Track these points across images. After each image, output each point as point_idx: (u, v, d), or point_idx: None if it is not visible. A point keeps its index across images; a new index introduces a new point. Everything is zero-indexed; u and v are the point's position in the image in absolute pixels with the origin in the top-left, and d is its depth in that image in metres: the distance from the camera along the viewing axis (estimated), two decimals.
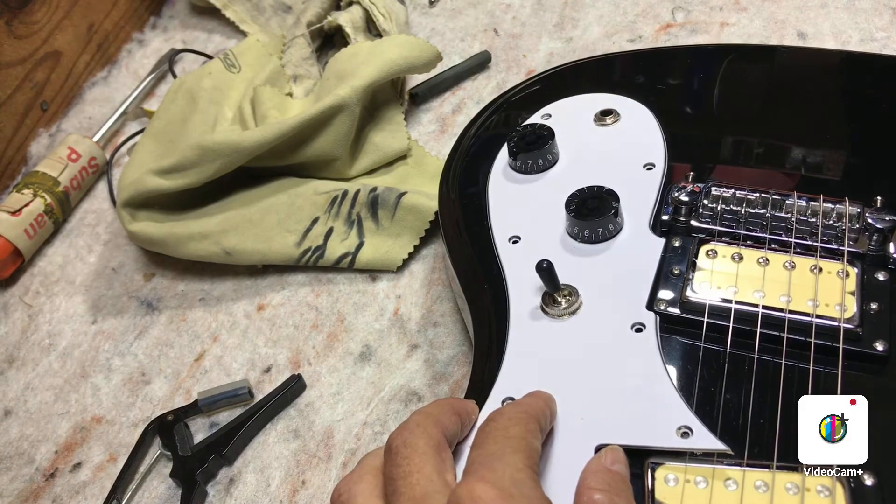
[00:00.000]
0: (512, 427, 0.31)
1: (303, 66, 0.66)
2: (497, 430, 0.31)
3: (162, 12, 0.81)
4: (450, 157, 0.50)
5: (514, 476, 0.28)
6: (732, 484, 0.31)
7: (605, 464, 0.31)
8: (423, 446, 0.30)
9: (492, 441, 0.30)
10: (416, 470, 0.29)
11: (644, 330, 0.37)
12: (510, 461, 0.29)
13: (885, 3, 0.64)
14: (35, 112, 0.68)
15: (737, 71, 0.51)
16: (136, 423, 0.49)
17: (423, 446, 0.30)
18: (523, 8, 0.71)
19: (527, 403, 0.33)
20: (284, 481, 0.45)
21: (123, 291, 0.57)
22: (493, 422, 0.31)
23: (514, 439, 0.30)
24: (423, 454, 0.30)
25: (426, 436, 0.30)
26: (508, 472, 0.28)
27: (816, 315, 0.36)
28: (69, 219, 0.63)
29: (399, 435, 0.31)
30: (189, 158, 0.53)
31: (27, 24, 0.66)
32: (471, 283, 0.43)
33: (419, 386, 0.47)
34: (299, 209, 0.54)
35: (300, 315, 0.52)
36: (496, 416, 0.32)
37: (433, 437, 0.30)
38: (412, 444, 0.30)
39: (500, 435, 0.30)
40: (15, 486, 0.47)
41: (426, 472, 0.29)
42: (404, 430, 0.31)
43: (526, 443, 0.30)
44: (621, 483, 0.31)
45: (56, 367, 0.53)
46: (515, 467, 0.28)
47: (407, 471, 0.29)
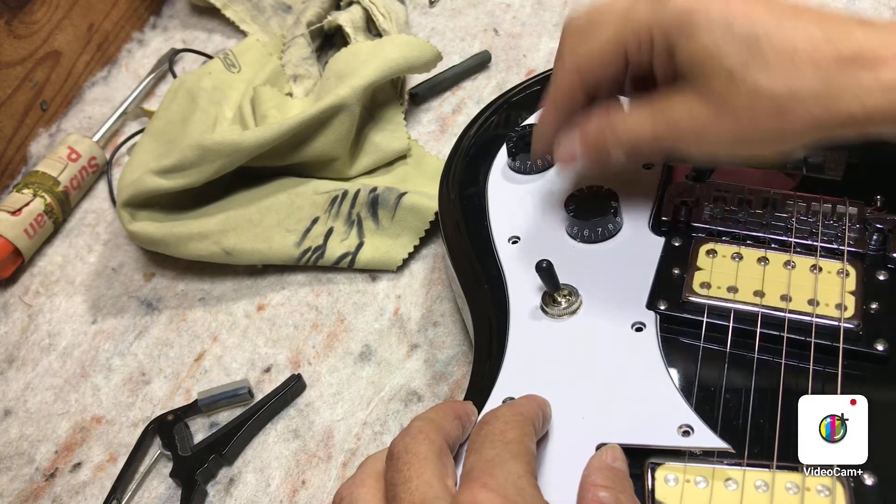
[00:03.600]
0: (509, 431, 0.30)
1: (303, 66, 0.66)
2: (494, 433, 0.30)
3: (162, 12, 0.81)
4: (450, 157, 0.50)
5: (517, 483, 0.28)
6: (732, 484, 0.31)
7: (607, 461, 0.31)
8: (424, 452, 0.30)
9: (489, 446, 0.30)
10: (416, 475, 0.29)
11: (644, 329, 0.37)
12: (511, 468, 0.29)
13: (885, 3, 0.63)
14: (35, 112, 0.68)
15: None
16: (136, 423, 0.49)
17: (424, 452, 0.30)
18: (523, 8, 0.72)
19: (521, 405, 0.33)
20: (284, 481, 0.45)
21: (123, 291, 0.57)
22: (488, 425, 0.31)
23: (513, 444, 0.30)
24: (425, 460, 0.29)
25: (428, 441, 0.30)
26: (510, 479, 0.28)
27: (816, 315, 0.36)
28: (69, 219, 0.63)
29: (401, 441, 0.31)
30: (189, 158, 0.53)
31: (27, 24, 0.66)
32: (471, 283, 0.43)
33: (419, 386, 0.47)
34: (299, 209, 0.54)
35: (300, 315, 0.52)
36: (491, 418, 0.31)
37: (435, 443, 0.30)
38: (413, 450, 0.30)
39: (498, 439, 0.30)
40: (15, 486, 0.47)
41: (426, 477, 0.29)
42: (406, 436, 0.31)
43: (524, 447, 0.30)
44: (624, 480, 0.31)
45: (56, 366, 0.53)
46: (517, 474, 0.28)
47: (407, 476, 0.29)
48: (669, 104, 0.35)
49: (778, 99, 0.31)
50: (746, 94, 0.32)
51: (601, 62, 0.36)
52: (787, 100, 0.31)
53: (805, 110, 0.31)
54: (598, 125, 0.37)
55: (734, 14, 0.32)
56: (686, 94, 0.34)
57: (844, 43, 0.31)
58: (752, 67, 0.32)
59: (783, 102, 0.31)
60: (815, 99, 0.31)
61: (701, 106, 0.33)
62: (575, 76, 0.37)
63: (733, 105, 0.32)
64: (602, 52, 0.36)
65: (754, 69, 0.32)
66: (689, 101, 0.34)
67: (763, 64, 0.31)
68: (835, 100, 0.31)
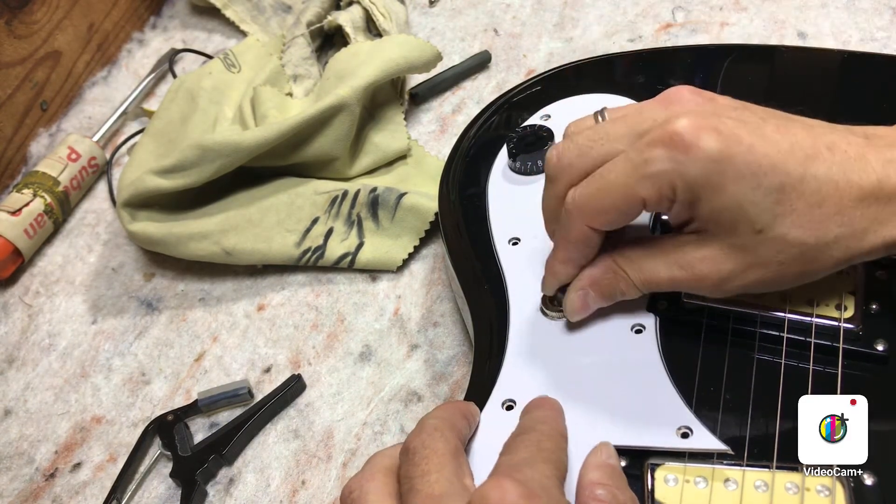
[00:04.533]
0: (545, 441, 0.31)
1: (303, 66, 0.66)
2: (530, 440, 0.31)
3: (162, 12, 0.81)
4: (450, 157, 0.50)
5: (543, 483, 0.28)
6: (732, 484, 0.31)
7: (602, 458, 0.31)
8: (441, 448, 0.30)
9: (524, 449, 0.30)
10: (434, 470, 0.29)
11: (644, 331, 0.37)
12: (540, 469, 0.29)
13: (885, 3, 0.63)
14: (35, 112, 0.68)
15: (737, 71, 0.51)
16: (136, 423, 0.49)
17: (441, 448, 0.30)
18: (523, 8, 0.72)
19: (555, 420, 0.33)
20: (284, 481, 0.45)
21: (123, 291, 0.57)
22: (525, 434, 0.32)
23: (547, 451, 0.30)
24: (443, 456, 0.30)
25: (444, 439, 0.31)
26: (537, 477, 0.28)
27: (816, 315, 0.36)
28: (69, 219, 0.63)
29: (417, 437, 0.31)
30: (189, 158, 0.53)
31: (27, 24, 0.66)
32: (471, 283, 0.43)
33: (419, 386, 0.47)
34: (299, 209, 0.54)
35: (300, 315, 0.52)
36: (528, 429, 0.32)
37: (451, 442, 0.31)
38: (431, 446, 0.30)
39: (534, 446, 0.31)
40: (15, 486, 0.47)
41: (445, 473, 0.29)
42: (422, 433, 0.31)
43: (557, 457, 0.31)
44: (620, 476, 0.31)
45: (56, 367, 0.53)
46: (545, 475, 0.29)
47: (426, 469, 0.29)
48: (691, 255, 0.33)
49: (806, 247, 0.31)
50: (776, 247, 0.31)
51: (615, 217, 0.33)
52: (816, 247, 0.31)
53: (831, 255, 0.31)
54: (610, 277, 0.36)
55: (760, 164, 0.30)
56: (710, 246, 0.33)
57: (863, 178, 0.31)
58: (780, 220, 0.31)
59: (811, 250, 0.31)
60: (842, 242, 0.31)
61: (726, 257, 0.32)
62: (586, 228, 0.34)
63: (761, 257, 0.32)
64: (616, 209, 0.33)
65: (783, 222, 0.31)
66: (712, 253, 0.33)
67: (792, 216, 0.31)
68: (859, 240, 0.31)
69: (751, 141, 0.30)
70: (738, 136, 0.30)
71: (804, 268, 0.32)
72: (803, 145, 0.31)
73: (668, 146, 0.31)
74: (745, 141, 0.30)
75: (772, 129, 0.31)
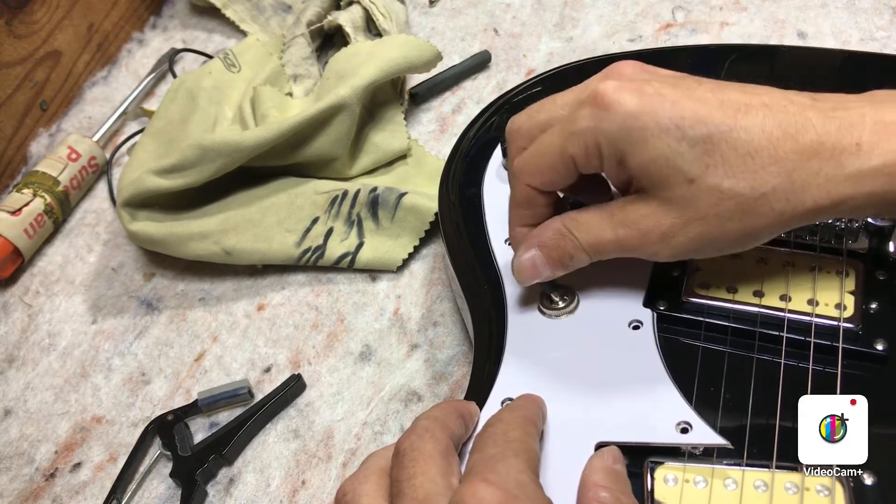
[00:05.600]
0: (511, 431, 0.31)
1: (303, 66, 0.66)
2: (497, 434, 0.31)
3: (162, 12, 0.81)
4: (450, 157, 0.50)
5: (517, 478, 0.28)
6: (732, 483, 0.31)
7: (607, 462, 0.31)
8: (430, 450, 0.30)
9: (492, 444, 0.30)
10: (420, 472, 0.29)
11: (641, 327, 0.37)
12: (512, 464, 0.29)
13: (885, 3, 0.64)
14: (35, 112, 0.68)
15: (737, 71, 0.51)
16: (136, 423, 0.49)
17: (430, 450, 0.30)
18: (523, 8, 0.72)
19: (522, 407, 0.33)
20: (284, 481, 0.45)
21: (123, 291, 0.57)
22: (491, 427, 0.32)
23: (515, 442, 0.30)
24: (430, 457, 0.30)
25: (433, 440, 0.31)
26: (511, 473, 0.28)
27: (816, 314, 0.36)
28: (69, 218, 0.63)
29: (407, 439, 0.31)
30: (189, 158, 0.53)
31: (27, 24, 0.66)
32: (470, 283, 0.43)
33: (419, 386, 0.47)
34: (299, 209, 0.54)
35: (300, 315, 0.52)
36: (494, 421, 0.32)
37: (440, 442, 0.31)
38: (419, 448, 0.30)
39: (501, 439, 0.30)
40: (15, 486, 0.47)
41: (430, 474, 0.29)
42: (412, 434, 0.31)
43: (526, 445, 0.30)
44: (624, 481, 0.31)
45: (56, 366, 0.53)
46: (517, 469, 0.29)
47: (412, 472, 0.29)
48: (634, 213, 0.34)
49: (743, 198, 0.31)
50: (710, 198, 0.31)
51: (551, 176, 0.35)
52: (752, 199, 0.31)
53: (770, 207, 0.31)
54: (558, 238, 0.36)
55: (684, 117, 0.31)
56: (648, 202, 0.33)
57: (802, 134, 0.31)
58: (712, 170, 0.31)
59: (748, 201, 0.31)
60: (780, 194, 0.31)
61: (665, 212, 0.33)
62: (528, 188, 0.36)
63: (699, 209, 0.32)
64: (551, 167, 0.35)
65: (715, 172, 0.31)
66: (652, 209, 0.33)
67: (723, 165, 0.31)
68: (800, 193, 0.31)
69: (676, 97, 0.32)
70: (663, 95, 0.32)
71: (745, 222, 0.32)
72: (735, 101, 0.32)
73: (592, 105, 0.33)
74: (669, 97, 0.32)
75: (705, 90, 0.32)
